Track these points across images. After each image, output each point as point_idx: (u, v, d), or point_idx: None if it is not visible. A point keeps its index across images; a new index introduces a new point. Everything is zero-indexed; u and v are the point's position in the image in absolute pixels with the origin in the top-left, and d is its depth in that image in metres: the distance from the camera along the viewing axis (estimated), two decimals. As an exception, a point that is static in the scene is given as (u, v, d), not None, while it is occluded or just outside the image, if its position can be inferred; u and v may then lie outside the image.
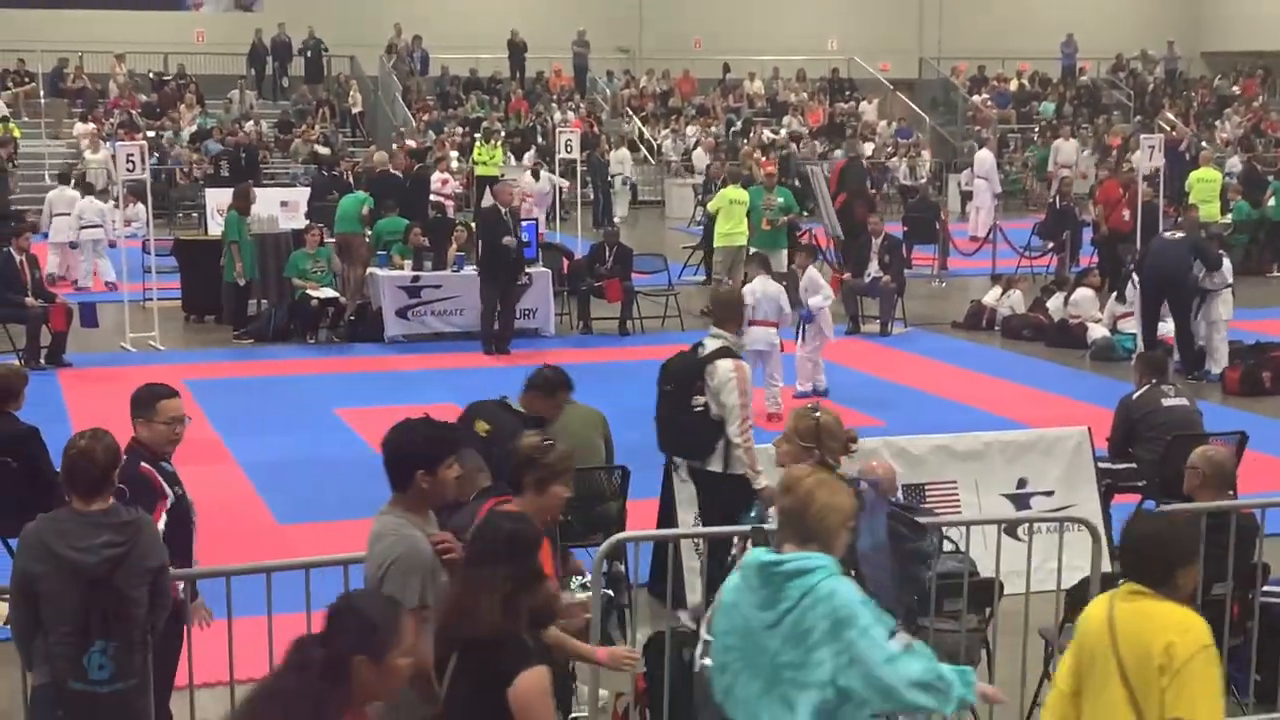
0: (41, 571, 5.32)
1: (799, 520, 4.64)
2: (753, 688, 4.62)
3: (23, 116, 33.88)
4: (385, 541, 5.13)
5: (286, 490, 11.59)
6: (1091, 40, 41.65)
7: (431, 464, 5.17)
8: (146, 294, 18.36)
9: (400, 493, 5.26)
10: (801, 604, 4.50)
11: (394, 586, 4.95)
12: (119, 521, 5.47)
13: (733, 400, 8.28)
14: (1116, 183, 22.23)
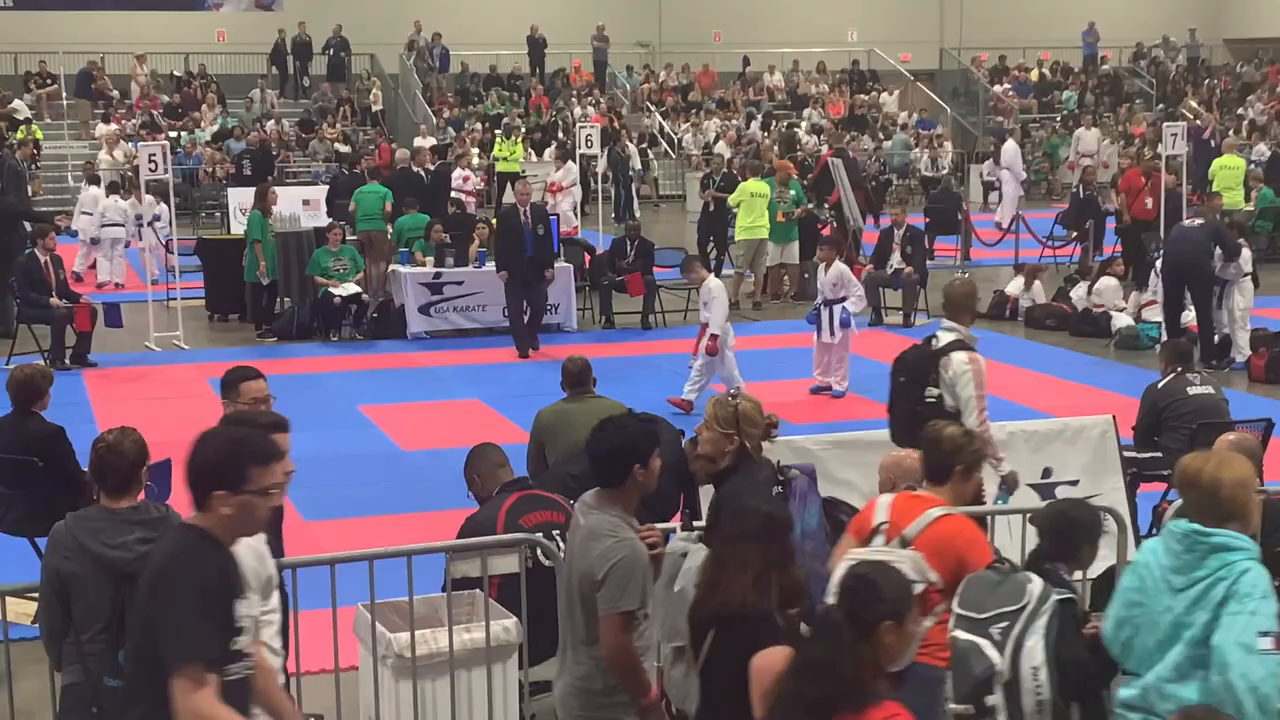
0: (74, 569, 5.32)
1: (1214, 506, 4.71)
2: (1149, 641, 4.77)
3: (45, 118, 34.05)
4: (604, 543, 5.10)
5: (311, 487, 11.56)
6: (1113, 29, 41.46)
7: (645, 458, 5.22)
8: (170, 293, 18.42)
9: (614, 488, 5.25)
10: (1217, 575, 4.62)
11: (615, 590, 5.02)
12: (150, 518, 5.49)
13: (968, 392, 8.36)
14: (1139, 171, 22.13)
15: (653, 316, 18.66)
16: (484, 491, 7.27)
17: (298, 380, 15.84)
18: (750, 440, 6.04)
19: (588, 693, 5.20)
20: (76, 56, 34.89)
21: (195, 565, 4.33)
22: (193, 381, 15.74)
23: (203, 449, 4.49)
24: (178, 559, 4.36)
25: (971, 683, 5.10)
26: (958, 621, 5.23)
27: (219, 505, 4.40)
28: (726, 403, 6.10)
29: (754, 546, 4.94)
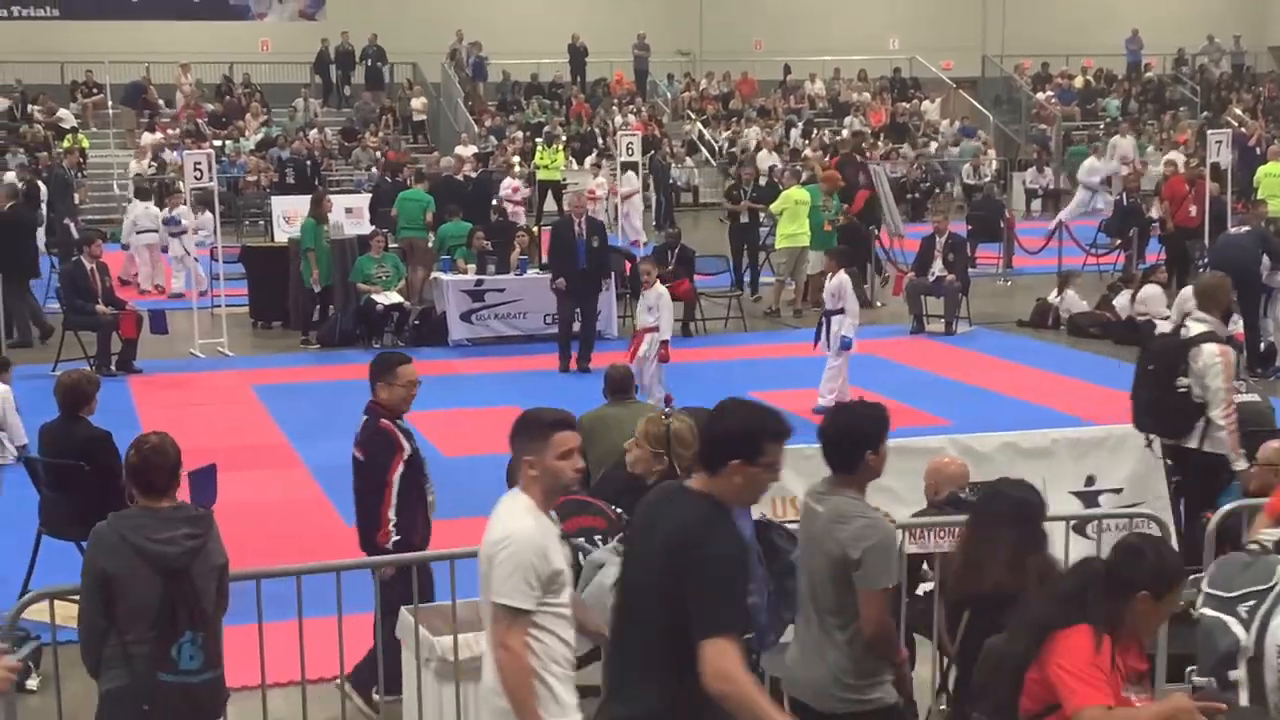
0: (120, 569, 5.35)
1: None
2: None
3: (91, 127, 34.37)
4: (856, 524, 5.19)
5: (353, 493, 11.66)
6: (1156, 36, 41.23)
7: (876, 443, 5.32)
8: (215, 300, 18.56)
9: (849, 474, 5.33)
10: None
11: (876, 569, 5.14)
12: (193, 515, 5.56)
13: (1217, 383, 8.60)
14: (1183, 179, 22.02)
15: (693, 324, 18.66)
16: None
17: (341, 387, 15.90)
18: (680, 461, 5.90)
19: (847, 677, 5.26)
20: (122, 66, 35.20)
21: (724, 537, 4.52)
22: (236, 387, 15.86)
23: (726, 418, 4.68)
24: (708, 532, 4.50)
25: (1216, 658, 5.25)
26: (1206, 600, 5.38)
27: (734, 474, 4.55)
28: (659, 421, 6.00)
29: (1007, 531, 5.21)
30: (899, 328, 18.81)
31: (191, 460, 9.79)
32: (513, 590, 4.76)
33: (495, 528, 4.92)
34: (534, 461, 4.93)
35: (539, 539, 4.86)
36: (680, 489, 4.78)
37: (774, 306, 20.02)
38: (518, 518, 4.90)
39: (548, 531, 4.93)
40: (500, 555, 4.80)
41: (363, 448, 7.57)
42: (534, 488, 4.96)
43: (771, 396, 14.84)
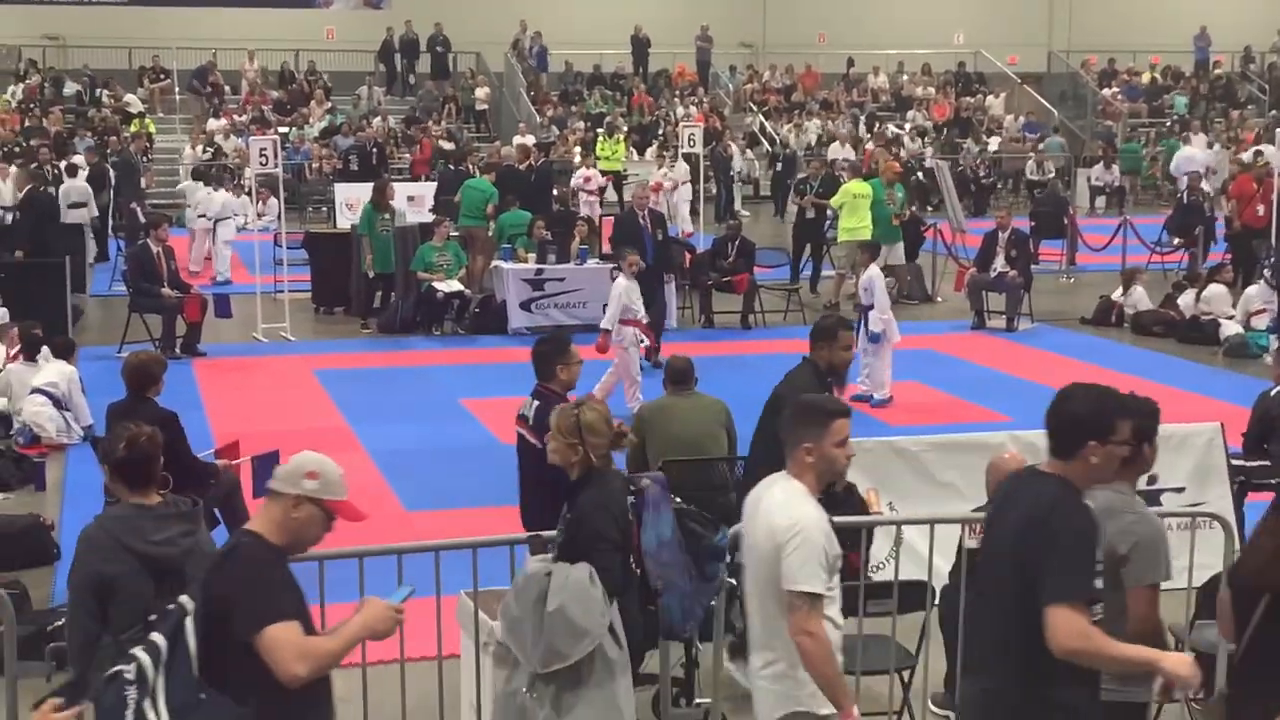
0: (117, 570, 5.25)
1: None
2: None
3: (158, 112, 34.72)
4: (1124, 519, 5.20)
5: (414, 478, 11.77)
6: (1225, 33, 40.74)
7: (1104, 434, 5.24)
8: (278, 286, 18.72)
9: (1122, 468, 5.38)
10: None
11: (1143, 564, 5.14)
12: (184, 511, 5.48)
13: None
14: (1250, 178, 21.78)
15: (753, 316, 18.64)
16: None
17: (401, 373, 16.05)
18: (595, 450, 5.78)
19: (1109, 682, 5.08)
20: (189, 52, 35.54)
21: (1079, 514, 4.63)
22: (298, 372, 16.00)
23: (1073, 402, 4.77)
24: (1063, 508, 4.62)
25: None
26: None
27: (1090, 455, 4.69)
28: (569, 412, 5.87)
29: None
30: (960, 323, 18.72)
31: (253, 444, 9.97)
32: (809, 576, 4.91)
33: (778, 516, 5.02)
34: (812, 448, 5.07)
35: (824, 524, 5.03)
36: (1033, 473, 4.88)
37: (834, 300, 19.96)
38: (800, 504, 5.03)
39: (824, 516, 5.08)
40: (793, 543, 4.93)
41: (537, 432, 7.60)
42: (808, 474, 5.10)
43: (830, 390, 14.85)
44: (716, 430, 9.23)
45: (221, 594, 4.56)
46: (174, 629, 4.54)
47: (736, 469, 9.12)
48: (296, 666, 4.49)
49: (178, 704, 4.46)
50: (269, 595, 4.57)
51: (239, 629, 4.50)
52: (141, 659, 4.50)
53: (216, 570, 4.65)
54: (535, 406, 7.80)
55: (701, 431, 9.09)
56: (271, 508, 4.74)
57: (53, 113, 31.85)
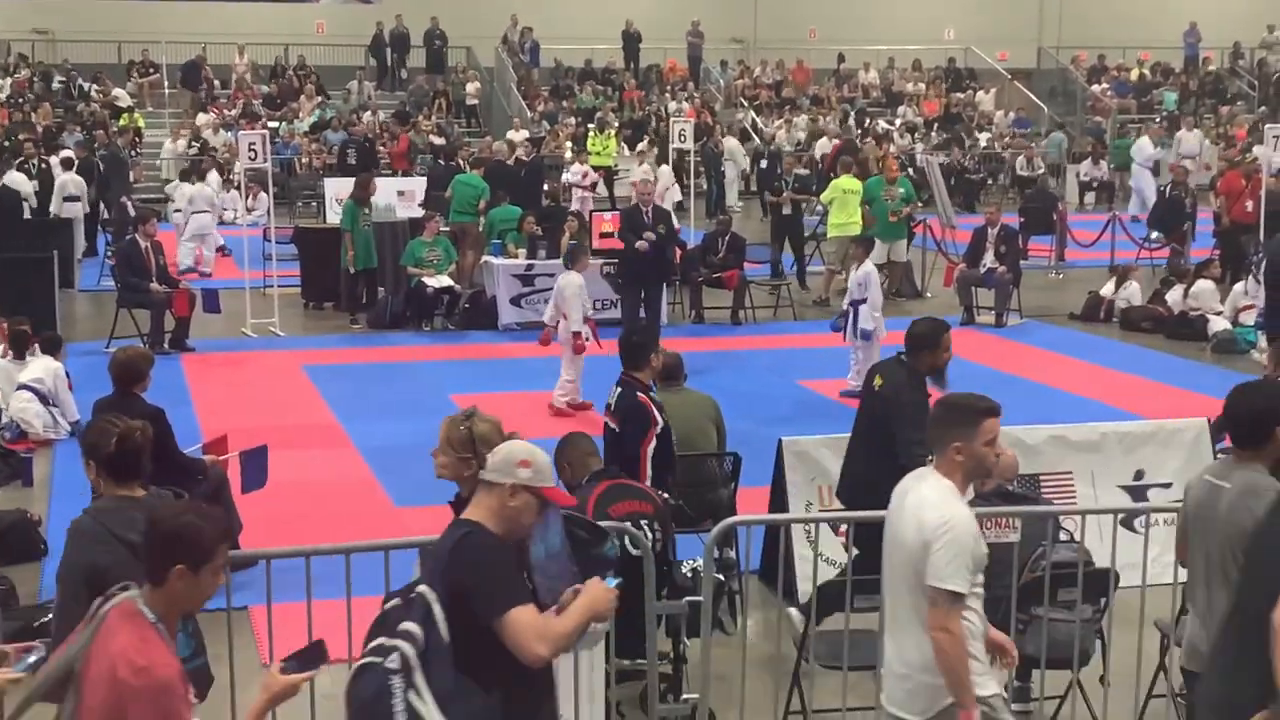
0: (111, 561, 5.20)
1: None
2: None
3: (147, 107, 34.67)
4: (1271, 496, 5.20)
5: (403, 474, 11.73)
6: (1215, 29, 40.79)
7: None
8: (267, 281, 18.70)
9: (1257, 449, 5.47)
10: None
11: None
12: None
13: None
14: (1239, 174, 21.81)
15: (743, 312, 18.65)
16: (573, 479, 7.33)
17: (391, 369, 16.04)
18: None
19: None
20: (179, 46, 35.48)
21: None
22: (287, 367, 15.98)
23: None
24: None
25: None
26: None
27: None
28: (459, 423, 5.69)
29: None
30: (949, 319, 18.64)
31: (242, 439, 9.95)
32: (954, 575, 4.97)
33: (929, 511, 5.06)
34: (962, 447, 5.13)
35: (972, 524, 5.09)
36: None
37: (824, 295, 19.96)
38: (951, 503, 5.09)
39: (973, 516, 5.15)
40: (942, 540, 4.98)
41: (618, 418, 7.86)
42: (957, 472, 5.15)
43: (818, 385, 14.88)
44: (706, 425, 9.25)
45: (459, 582, 4.64)
46: (424, 618, 4.60)
47: (725, 464, 9.15)
48: (539, 647, 4.59)
49: (440, 691, 4.54)
50: (506, 580, 4.70)
51: (481, 614, 4.60)
52: (403, 648, 4.56)
53: (450, 560, 4.71)
54: (618, 393, 7.97)
55: (691, 427, 9.10)
56: (488, 498, 4.84)
57: (41, 107, 31.78)
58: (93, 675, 4.18)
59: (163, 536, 4.28)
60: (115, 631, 4.20)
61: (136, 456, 5.45)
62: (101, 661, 4.17)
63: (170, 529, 4.27)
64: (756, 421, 12.27)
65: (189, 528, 4.25)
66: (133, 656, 4.11)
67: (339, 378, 15.37)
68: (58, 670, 4.29)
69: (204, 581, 4.26)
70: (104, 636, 4.22)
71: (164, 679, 4.13)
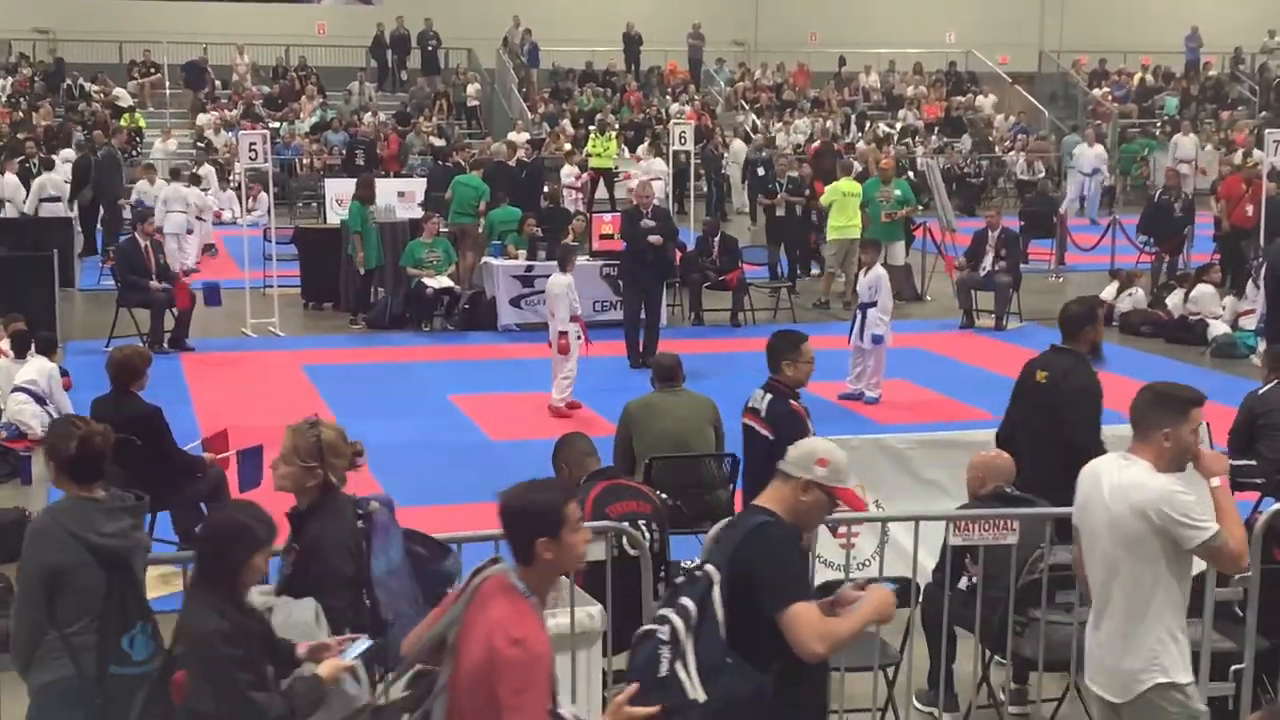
0: (68, 561, 5.20)
1: None
2: None
3: (148, 107, 34.66)
4: None
5: (401, 474, 11.72)
6: (1216, 34, 40.80)
7: None
8: (267, 281, 18.70)
9: None
10: None
11: None
12: (131, 505, 5.43)
13: None
14: (1239, 179, 21.79)
15: (742, 314, 18.65)
16: (572, 480, 7.34)
17: (390, 369, 16.04)
18: (335, 472, 5.52)
19: None
20: (180, 46, 35.51)
21: None
22: (286, 367, 15.97)
23: None
24: None
25: None
26: None
27: None
28: (306, 432, 5.53)
29: None
30: (949, 322, 18.73)
31: (241, 438, 9.95)
32: (1206, 520, 5.17)
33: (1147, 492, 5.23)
34: (1170, 433, 5.29)
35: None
36: None
37: (824, 298, 19.96)
38: (1163, 479, 5.25)
39: None
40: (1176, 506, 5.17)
41: (771, 426, 7.81)
42: (1163, 458, 5.29)
43: (819, 388, 14.75)
44: (704, 428, 9.24)
45: (748, 569, 4.73)
46: (702, 596, 4.71)
47: (724, 466, 9.14)
48: (816, 645, 4.68)
49: (706, 665, 4.63)
50: (794, 574, 4.83)
51: (765, 604, 4.70)
52: (674, 621, 4.68)
53: (744, 546, 4.79)
54: (768, 399, 7.95)
55: (689, 429, 9.10)
56: (781, 489, 4.93)
57: (41, 106, 31.77)
58: (469, 642, 4.43)
59: (514, 517, 4.49)
60: (491, 602, 4.44)
61: (97, 459, 5.39)
62: (478, 629, 4.41)
63: (516, 508, 4.48)
64: (755, 423, 12.25)
65: (534, 503, 4.46)
66: (509, 628, 4.34)
67: (339, 378, 15.36)
68: (433, 639, 4.55)
69: (567, 542, 4.46)
70: (479, 606, 4.46)
71: (538, 652, 4.36)
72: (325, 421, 5.69)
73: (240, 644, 4.79)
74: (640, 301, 16.08)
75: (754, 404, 8.09)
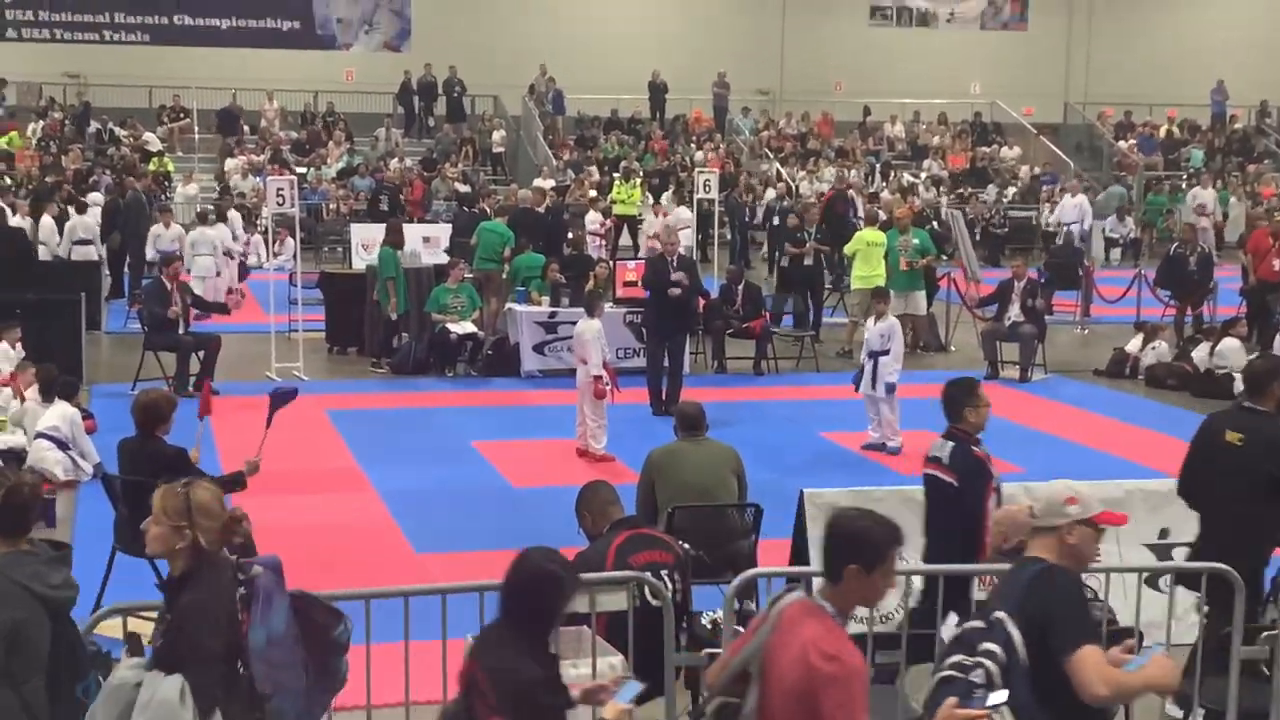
0: (26, 617, 5.13)
1: None
2: None
3: (177, 151, 34.93)
4: None
5: (424, 520, 11.75)
6: (1242, 87, 40.80)
7: None
8: (292, 325, 18.75)
9: None
10: None
11: None
12: (59, 555, 5.39)
13: None
14: (1266, 232, 21.72)
15: (765, 362, 18.63)
16: (594, 529, 7.32)
17: (413, 415, 16.05)
18: (205, 535, 5.24)
19: None
20: (209, 92, 35.81)
21: None
22: (310, 412, 15.96)
23: None
24: None
25: None
26: None
27: None
28: (175, 492, 5.30)
29: None
30: (973, 372, 18.64)
31: (264, 481, 9.97)
32: None
33: None
34: None
35: None
36: None
37: (847, 347, 19.94)
38: None
39: None
40: None
41: (956, 473, 7.79)
42: None
43: (840, 437, 14.84)
44: (728, 477, 9.21)
45: (1037, 614, 4.87)
46: (1005, 641, 4.86)
47: (747, 515, 9.11)
48: (1101, 689, 4.80)
49: (1018, 707, 4.77)
50: (1081, 617, 4.96)
51: (1055, 647, 4.83)
52: (988, 665, 4.83)
53: (1032, 592, 4.94)
54: (950, 448, 7.93)
55: (713, 478, 9.07)
56: (1045, 541, 5.09)
57: (72, 150, 32.04)
58: (782, 664, 4.59)
59: (841, 538, 4.67)
60: (800, 624, 4.61)
61: (25, 510, 5.32)
62: (790, 651, 4.57)
63: (849, 531, 4.67)
64: (778, 473, 12.24)
65: (866, 531, 4.65)
66: (823, 645, 4.50)
67: (362, 423, 15.38)
68: (735, 670, 4.77)
69: (876, 582, 4.64)
70: (786, 631, 4.63)
71: (854, 666, 4.52)
72: (202, 482, 5.46)
73: (560, 694, 4.96)
74: (663, 349, 16.07)
75: (935, 453, 8.06)
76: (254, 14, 37.02)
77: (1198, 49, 41.41)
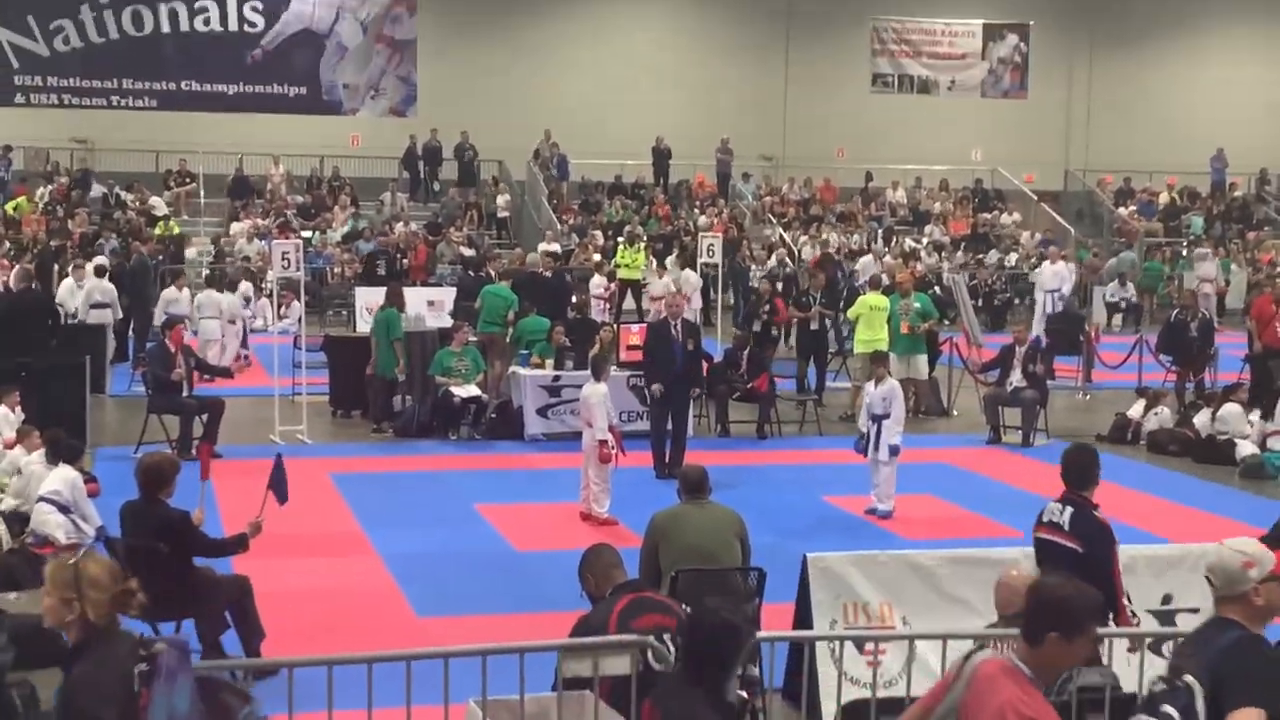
0: None
1: None
2: None
3: (183, 215, 35.10)
4: None
5: (426, 583, 11.73)
6: (1241, 155, 41.04)
7: None
8: (295, 388, 18.79)
9: None
10: None
11: None
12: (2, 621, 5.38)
13: None
14: (1269, 299, 21.79)
15: (769, 426, 18.65)
16: (598, 592, 7.32)
17: (416, 478, 16.05)
18: (94, 607, 5.18)
19: None
20: (216, 156, 36.05)
21: None
22: (313, 475, 15.98)
23: None
24: None
25: None
26: None
27: None
28: (65, 564, 5.27)
29: None
30: (975, 437, 18.70)
31: (266, 545, 9.97)
32: None
33: None
34: None
35: None
36: None
37: (850, 411, 19.95)
38: None
39: None
40: None
41: (1079, 539, 7.80)
42: None
43: (843, 501, 14.83)
44: (730, 540, 9.19)
45: (1228, 682, 4.87)
46: (1186, 705, 4.90)
47: (750, 579, 9.10)
48: None
49: None
50: (1267, 681, 4.92)
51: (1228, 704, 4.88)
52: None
53: (1222, 659, 4.96)
54: (1069, 512, 7.92)
55: (716, 542, 9.06)
56: (1235, 607, 5.11)
57: (78, 214, 32.21)
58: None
59: (1044, 604, 4.79)
60: (998, 683, 4.72)
61: None
62: (988, 711, 4.68)
63: (1054, 599, 4.79)
64: (781, 537, 12.23)
65: (1068, 600, 4.78)
66: (1022, 709, 4.62)
67: (365, 486, 15.38)
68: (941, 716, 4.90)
69: (1075, 649, 4.75)
70: (983, 690, 4.74)
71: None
72: (95, 556, 5.43)
73: None
74: (666, 412, 16.08)
75: (1052, 518, 8.02)
76: (261, 80, 37.26)
77: (1197, 117, 41.70)
